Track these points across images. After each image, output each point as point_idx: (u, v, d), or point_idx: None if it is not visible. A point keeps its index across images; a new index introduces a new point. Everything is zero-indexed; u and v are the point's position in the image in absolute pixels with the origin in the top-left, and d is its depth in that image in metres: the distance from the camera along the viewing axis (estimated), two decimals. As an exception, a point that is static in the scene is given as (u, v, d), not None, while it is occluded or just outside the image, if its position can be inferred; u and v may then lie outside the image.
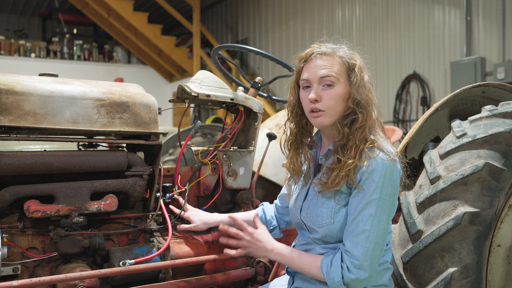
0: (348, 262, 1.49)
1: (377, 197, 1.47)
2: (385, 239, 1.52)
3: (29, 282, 1.59)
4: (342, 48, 1.61)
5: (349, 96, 1.55)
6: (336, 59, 1.57)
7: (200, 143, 5.45)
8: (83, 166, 1.85)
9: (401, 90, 7.16)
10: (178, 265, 1.92)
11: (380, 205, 1.47)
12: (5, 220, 1.80)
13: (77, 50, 10.79)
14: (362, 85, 1.55)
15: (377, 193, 1.47)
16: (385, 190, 1.48)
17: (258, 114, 2.29)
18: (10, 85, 1.70)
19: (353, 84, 1.55)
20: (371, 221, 1.47)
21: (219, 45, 3.19)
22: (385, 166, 1.47)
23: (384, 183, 1.47)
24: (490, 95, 2.20)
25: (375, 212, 1.47)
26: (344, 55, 1.58)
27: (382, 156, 1.48)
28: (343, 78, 1.56)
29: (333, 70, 1.55)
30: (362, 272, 1.48)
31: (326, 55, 1.58)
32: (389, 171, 1.48)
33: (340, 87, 1.55)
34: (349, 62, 1.57)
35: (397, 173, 1.51)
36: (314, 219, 1.59)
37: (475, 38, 6.23)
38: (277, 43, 9.79)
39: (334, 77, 1.55)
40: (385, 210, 1.49)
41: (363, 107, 1.54)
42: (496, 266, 1.78)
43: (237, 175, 2.24)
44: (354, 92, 1.54)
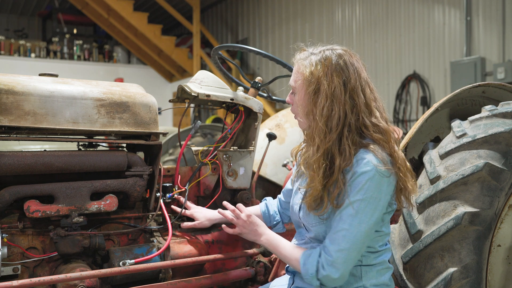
0: (323, 258, 1.50)
1: (360, 198, 1.46)
2: (365, 241, 1.50)
3: (29, 282, 1.59)
4: (313, 55, 1.59)
5: (305, 108, 1.59)
6: (296, 67, 1.62)
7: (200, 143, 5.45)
8: (83, 166, 1.85)
9: (401, 90, 7.16)
10: (178, 265, 1.92)
11: (362, 207, 1.46)
12: (5, 220, 1.80)
13: (77, 50, 10.79)
14: (306, 94, 1.56)
15: (361, 194, 1.46)
16: (370, 193, 1.46)
17: (258, 114, 2.29)
18: (10, 85, 1.70)
19: (309, 96, 1.56)
20: (350, 221, 1.46)
21: (219, 45, 3.19)
22: (371, 171, 1.45)
23: (370, 187, 1.45)
24: (490, 95, 2.20)
25: (355, 213, 1.46)
26: (303, 63, 1.59)
27: (375, 162, 1.46)
28: (299, 86, 1.60)
29: (293, 78, 1.63)
30: (334, 270, 1.47)
31: (295, 63, 1.64)
32: (378, 177, 1.46)
33: (298, 95, 1.62)
34: (302, 72, 1.58)
35: (386, 180, 1.48)
36: (308, 220, 1.61)
37: (475, 38, 6.23)
38: (277, 43, 9.78)
39: (293, 86, 1.63)
40: (368, 213, 1.47)
41: (315, 120, 1.53)
42: (496, 266, 1.78)
43: (237, 175, 2.24)
44: (308, 103, 1.57)
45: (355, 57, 1.59)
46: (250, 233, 1.78)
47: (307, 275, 1.52)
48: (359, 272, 1.56)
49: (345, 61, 1.55)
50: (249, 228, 1.77)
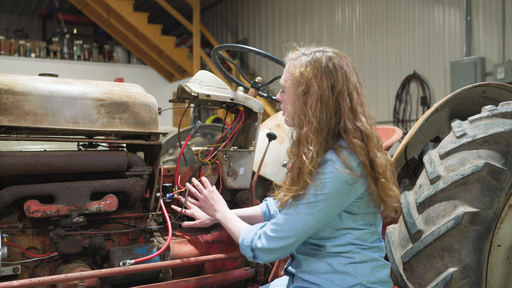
0: (262, 230, 1.58)
1: (314, 193, 1.48)
2: (307, 233, 1.53)
3: (29, 282, 1.59)
4: (304, 55, 1.61)
5: (294, 108, 1.61)
6: (286, 67, 1.66)
7: (200, 143, 5.45)
8: (83, 166, 1.85)
9: (401, 90, 7.16)
10: (178, 265, 1.92)
11: (313, 201, 1.49)
12: (5, 220, 1.80)
13: (77, 50, 10.79)
14: (294, 96, 1.59)
15: (315, 190, 1.48)
16: (325, 191, 1.48)
17: (258, 114, 2.29)
18: (10, 85, 1.70)
19: (298, 97, 1.58)
20: (299, 209, 1.51)
21: (219, 45, 3.19)
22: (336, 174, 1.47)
23: (327, 186, 1.47)
24: (490, 95, 2.20)
25: (306, 203, 1.49)
26: (293, 63, 1.62)
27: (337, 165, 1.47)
28: (288, 86, 1.64)
29: (283, 77, 1.67)
30: (267, 243, 1.55)
31: (286, 62, 1.68)
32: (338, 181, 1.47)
33: (286, 94, 1.66)
34: (292, 72, 1.61)
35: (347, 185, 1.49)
36: None
37: (475, 38, 6.23)
38: (277, 43, 9.78)
39: (283, 85, 1.68)
40: (317, 208, 1.49)
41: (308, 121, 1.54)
42: (496, 266, 1.78)
43: (237, 175, 2.24)
44: (298, 104, 1.58)
45: (346, 60, 1.60)
46: (208, 208, 1.93)
47: (243, 244, 1.62)
48: (353, 270, 1.56)
49: (334, 64, 1.56)
50: (208, 204, 1.92)
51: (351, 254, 1.56)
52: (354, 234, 1.56)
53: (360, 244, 1.58)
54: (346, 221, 1.56)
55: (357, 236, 1.57)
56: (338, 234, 1.56)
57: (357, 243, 1.57)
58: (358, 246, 1.57)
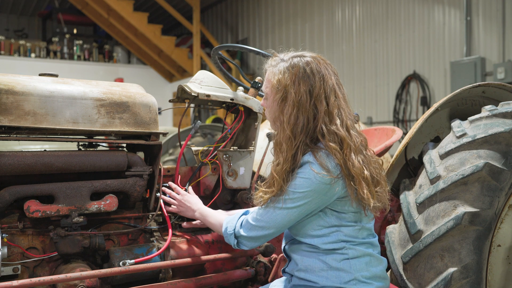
0: (245, 219, 1.66)
1: (293, 190, 1.54)
2: (284, 226, 1.59)
3: (29, 282, 1.59)
4: (283, 61, 1.63)
5: (272, 114, 1.66)
6: (268, 74, 1.67)
7: (200, 143, 5.45)
8: (83, 166, 1.85)
9: (401, 90, 7.16)
10: (178, 265, 1.92)
11: (292, 198, 1.54)
12: (5, 220, 1.80)
13: (77, 50, 10.79)
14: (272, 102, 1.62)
15: (295, 187, 1.53)
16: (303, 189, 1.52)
17: (258, 114, 2.29)
18: (10, 85, 1.70)
19: (276, 103, 1.62)
20: (280, 204, 1.56)
21: (219, 45, 3.19)
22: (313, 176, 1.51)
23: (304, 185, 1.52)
24: (490, 95, 2.20)
25: (285, 200, 1.55)
26: (272, 70, 1.63)
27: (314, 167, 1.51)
28: (269, 95, 1.65)
29: (265, 84, 1.68)
30: (247, 232, 1.63)
31: (265, 70, 1.68)
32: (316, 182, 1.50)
33: (268, 101, 1.67)
34: (270, 79, 1.64)
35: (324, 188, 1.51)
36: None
37: (475, 38, 6.23)
38: (277, 43, 9.78)
39: (264, 91, 1.68)
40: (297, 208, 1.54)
41: (283, 128, 1.59)
42: (496, 266, 1.78)
43: (237, 175, 2.24)
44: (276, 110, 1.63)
45: (324, 64, 1.61)
46: (186, 211, 1.97)
47: (226, 233, 1.69)
48: (348, 266, 1.58)
49: (311, 68, 1.58)
50: (185, 207, 1.96)
51: (344, 251, 1.58)
52: (343, 231, 1.59)
53: (352, 240, 1.60)
54: (332, 219, 1.59)
55: (347, 233, 1.59)
56: (327, 232, 1.59)
57: (348, 239, 1.59)
58: (350, 243, 1.59)
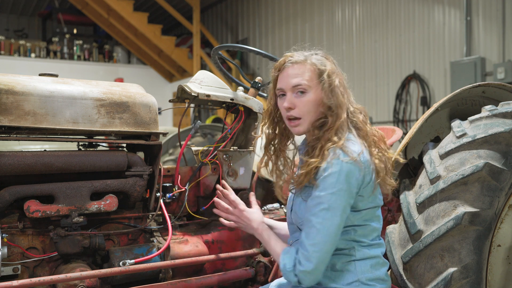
0: (300, 254, 1.54)
1: (332, 192, 1.50)
2: (338, 234, 1.53)
3: (29, 282, 1.59)
4: (314, 54, 1.65)
5: (321, 102, 1.61)
6: (307, 66, 1.62)
7: (200, 143, 5.45)
8: (83, 166, 1.85)
9: (401, 90, 7.16)
10: (178, 265, 1.92)
11: (334, 201, 1.50)
12: (5, 220, 1.80)
13: (77, 50, 10.79)
14: (332, 89, 1.61)
15: (331, 189, 1.50)
16: (340, 186, 1.50)
17: (258, 114, 2.30)
18: (10, 85, 1.70)
19: (323, 90, 1.60)
20: (323, 215, 1.50)
21: (219, 45, 3.20)
22: (342, 165, 1.50)
23: (339, 180, 1.50)
24: (490, 95, 2.20)
25: (328, 206, 1.50)
26: (316, 62, 1.63)
27: (342, 157, 1.51)
28: (314, 85, 1.61)
29: (304, 77, 1.61)
30: (309, 263, 1.51)
31: (297, 64, 1.63)
32: (346, 170, 1.50)
33: (313, 93, 1.61)
34: (320, 68, 1.62)
35: (356, 172, 1.52)
36: (296, 217, 1.66)
37: (475, 38, 6.23)
38: (277, 43, 9.78)
39: (306, 85, 1.60)
40: (339, 206, 1.51)
41: (334, 110, 1.60)
42: (496, 266, 1.78)
43: (237, 175, 2.24)
44: (324, 97, 1.60)
45: None
46: (246, 228, 1.83)
47: (285, 270, 1.57)
48: (353, 267, 1.58)
49: (333, 61, 1.67)
50: (244, 224, 1.81)
51: (352, 251, 1.59)
52: (357, 231, 1.59)
53: (362, 241, 1.60)
54: (349, 217, 1.57)
55: (360, 233, 1.59)
56: (342, 230, 1.57)
57: (359, 239, 1.59)
58: (359, 243, 1.60)
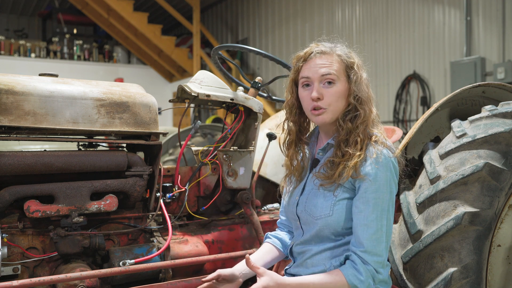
0: (373, 263, 1.49)
1: (387, 191, 1.51)
2: (391, 231, 1.57)
3: (29, 282, 1.59)
4: (340, 46, 1.65)
5: (349, 93, 1.59)
6: (335, 57, 1.61)
7: (200, 143, 5.45)
8: (83, 166, 1.85)
9: (401, 90, 7.16)
10: (178, 265, 1.92)
11: (390, 199, 1.52)
12: (5, 220, 1.80)
13: (77, 50, 10.79)
14: (361, 82, 1.60)
15: (387, 187, 1.51)
16: (392, 183, 1.53)
17: (258, 114, 2.29)
18: (10, 85, 1.70)
19: (352, 82, 1.59)
20: (386, 215, 1.51)
21: (219, 45, 3.19)
22: (390, 161, 1.53)
23: (391, 177, 1.52)
24: (490, 95, 2.20)
25: (387, 206, 1.51)
26: (342, 54, 1.62)
27: (387, 152, 1.53)
28: (342, 76, 1.59)
29: (333, 68, 1.58)
30: (387, 268, 1.54)
31: (325, 54, 1.61)
32: (394, 167, 1.54)
33: (340, 84, 1.59)
34: (348, 60, 1.61)
35: (396, 165, 1.57)
36: (313, 211, 1.59)
37: (475, 38, 6.23)
38: (277, 43, 9.78)
39: (335, 75, 1.58)
40: (393, 204, 1.55)
41: (364, 103, 1.59)
42: (496, 266, 1.78)
43: (237, 175, 2.24)
44: (354, 89, 1.59)
45: None
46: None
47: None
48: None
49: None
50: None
51: None
52: None
53: None
54: None
55: None
56: (351, 232, 1.57)
57: None
58: None
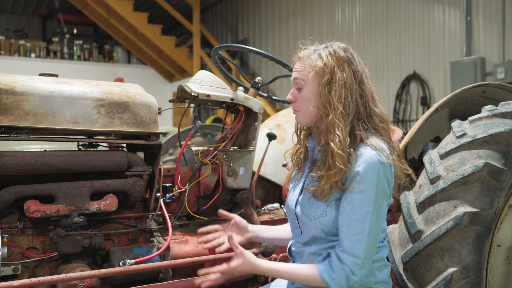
0: (350, 264, 1.48)
1: (373, 193, 1.48)
2: (380, 235, 1.54)
3: (29, 282, 1.59)
4: (320, 49, 1.62)
5: (320, 97, 1.58)
6: (306, 62, 1.61)
7: (200, 143, 5.45)
8: (83, 166, 1.85)
9: (401, 90, 7.16)
10: (178, 265, 1.91)
11: (376, 202, 1.49)
12: (5, 220, 1.80)
13: (77, 50, 10.79)
14: (336, 85, 1.56)
15: (373, 189, 1.48)
16: (380, 186, 1.49)
17: (258, 114, 2.29)
18: (10, 85, 1.70)
19: (323, 86, 1.57)
20: (370, 218, 1.48)
21: (219, 45, 3.19)
22: (378, 164, 1.48)
23: (379, 179, 1.48)
24: (490, 95, 2.20)
25: (372, 209, 1.48)
26: (315, 58, 1.60)
27: (371, 153, 1.49)
28: (313, 81, 1.59)
29: (302, 73, 1.61)
30: (363, 270, 1.50)
31: (300, 59, 1.63)
32: (384, 170, 1.50)
33: (307, 89, 1.60)
34: (317, 64, 1.59)
35: (388, 169, 1.52)
36: (308, 211, 1.60)
37: (475, 38, 6.23)
38: (277, 43, 9.78)
39: (302, 80, 1.60)
40: (381, 206, 1.51)
41: (334, 108, 1.55)
42: (496, 266, 1.78)
43: (237, 175, 2.24)
44: (323, 93, 1.57)
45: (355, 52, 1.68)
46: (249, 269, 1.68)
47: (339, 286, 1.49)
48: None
49: (351, 53, 1.63)
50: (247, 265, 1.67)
51: None
52: None
53: None
54: None
55: None
56: None
57: None
58: None
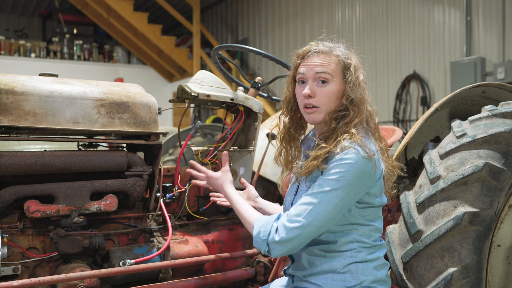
0: (280, 223, 1.51)
1: (335, 178, 1.48)
2: (327, 223, 1.51)
3: (29, 282, 1.59)
4: (339, 47, 1.65)
5: (343, 94, 1.59)
6: (332, 57, 1.61)
7: (200, 143, 5.45)
8: (83, 166, 1.85)
9: (401, 90, 7.16)
10: (178, 265, 1.92)
11: (336, 187, 1.48)
12: (5, 220, 1.80)
13: (77, 50, 10.79)
14: (356, 84, 1.59)
15: (337, 175, 1.48)
16: (348, 177, 1.48)
17: (258, 114, 2.29)
18: (10, 85, 1.70)
19: (347, 83, 1.59)
20: (321, 197, 1.48)
21: (219, 45, 3.19)
22: (358, 158, 1.48)
23: (349, 171, 1.47)
24: (490, 95, 2.20)
25: (328, 190, 1.48)
26: (341, 54, 1.62)
27: (359, 151, 1.49)
28: (338, 76, 1.60)
29: (328, 67, 1.59)
30: (285, 235, 1.49)
31: (322, 53, 1.62)
32: (360, 164, 1.48)
33: (334, 84, 1.59)
34: (345, 61, 1.61)
35: (369, 169, 1.51)
36: None
37: (475, 38, 6.23)
38: (277, 43, 9.78)
39: (329, 74, 1.59)
40: (340, 195, 1.48)
41: (356, 105, 1.59)
42: (496, 266, 1.78)
43: (237, 175, 2.24)
44: (348, 90, 1.58)
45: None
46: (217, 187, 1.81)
47: (258, 237, 1.54)
48: (355, 269, 1.56)
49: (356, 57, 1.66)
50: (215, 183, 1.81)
51: (354, 253, 1.57)
52: (359, 230, 1.57)
53: (364, 241, 1.58)
54: (354, 215, 1.56)
55: (362, 232, 1.58)
56: (345, 229, 1.56)
57: (362, 240, 1.58)
58: (361, 245, 1.58)
